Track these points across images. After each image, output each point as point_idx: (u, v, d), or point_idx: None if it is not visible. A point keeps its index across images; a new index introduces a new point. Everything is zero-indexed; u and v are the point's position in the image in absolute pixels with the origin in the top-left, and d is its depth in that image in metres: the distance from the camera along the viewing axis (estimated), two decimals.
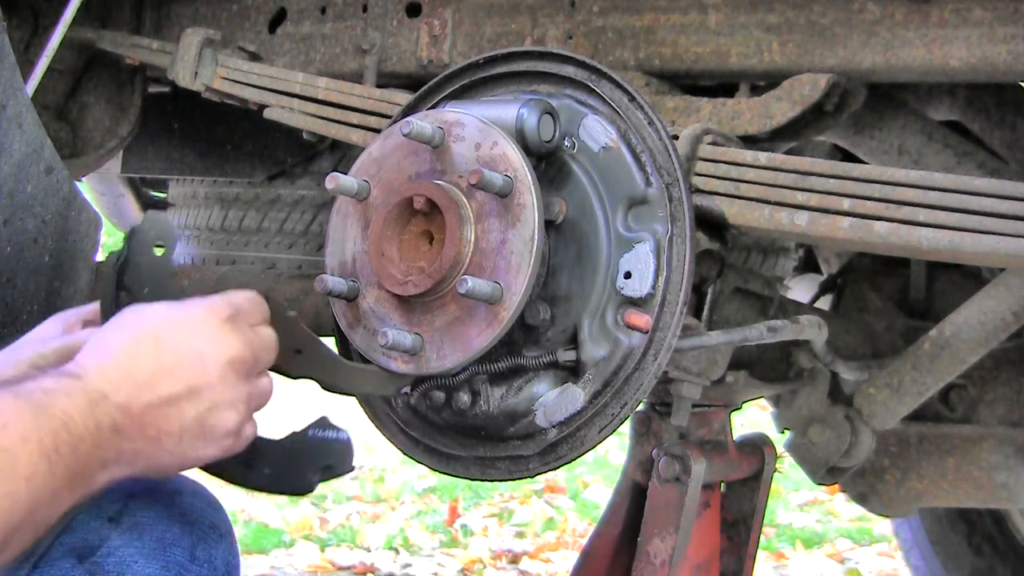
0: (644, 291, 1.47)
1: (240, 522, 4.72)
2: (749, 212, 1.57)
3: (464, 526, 4.82)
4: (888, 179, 1.50)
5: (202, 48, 2.02)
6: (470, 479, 1.63)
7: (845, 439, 1.97)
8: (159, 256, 1.37)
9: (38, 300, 1.66)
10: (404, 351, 1.47)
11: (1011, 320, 1.93)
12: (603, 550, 1.84)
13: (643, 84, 1.85)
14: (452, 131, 1.49)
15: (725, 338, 1.61)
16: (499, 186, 1.42)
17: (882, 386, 1.98)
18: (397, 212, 1.49)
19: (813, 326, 1.74)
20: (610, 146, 1.52)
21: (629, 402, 1.47)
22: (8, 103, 1.62)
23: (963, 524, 3.06)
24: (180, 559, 1.33)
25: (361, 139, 1.84)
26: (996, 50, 1.63)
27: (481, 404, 1.53)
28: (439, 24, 2.02)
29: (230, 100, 2.03)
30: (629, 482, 1.84)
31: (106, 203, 3.10)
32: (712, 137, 1.64)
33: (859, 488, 2.30)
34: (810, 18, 1.75)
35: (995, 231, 1.42)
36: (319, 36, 2.15)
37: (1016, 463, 2.22)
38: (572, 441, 1.51)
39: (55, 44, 1.98)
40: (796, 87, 1.72)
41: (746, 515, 1.93)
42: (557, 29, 1.93)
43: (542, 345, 1.52)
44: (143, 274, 1.35)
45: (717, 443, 1.85)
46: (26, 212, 1.63)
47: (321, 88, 1.91)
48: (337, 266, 1.56)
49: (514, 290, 1.42)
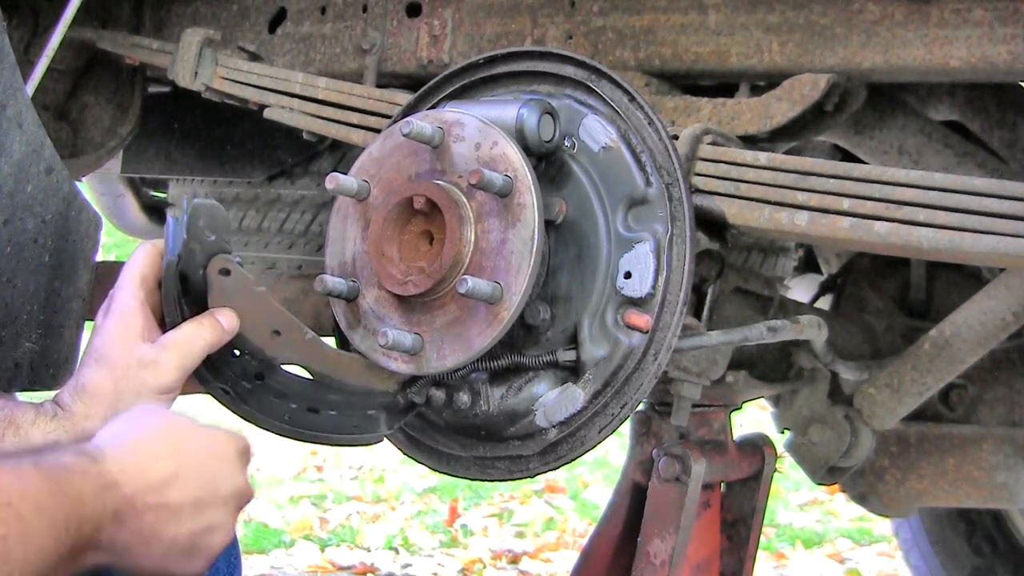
0: (644, 291, 1.47)
1: (240, 522, 4.71)
2: (749, 212, 1.57)
3: (464, 526, 4.81)
4: (888, 179, 1.50)
5: (202, 48, 2.02)
6: (470, 479, 1.63)
7: (845, 439, 1.97)
8: (214, 241, 1.41)
9: (38, 300, 1.66)
10: (404, 351, 1.47)
11: (1011, 320, 1.94)
12: (603, 550, 1.84)
13: (643, 84, 1.85)
14: (452, 131, 1.49)
15: (725, 338, 1.61)
16: (499, 186, 1.42)
17: (882, 386, 1.98)
18: (397, 212, 1.49)
19: (813, 326, 1.74)
20: (610, 146, 1.52)
21: (629, 402, 1.47)
22: (8, 103, 1.62)
23: (963, 524, 3.06)
24: None
25: (361, 139, 1.84)
26: (996, 50, 1.63)
27: (481, 404, 1.53)
28: (439, 24, 2.02)
29: (230, 100, 2.03)
30: (629, 482, 1.84)
31: (106, 203, 3.10)
32: (712, 137, 1.64)
33: (859, 488, 2.30)
34: (810, 18, 1.75)
35: (995, 231, 1.42)
36: (319, 36, 2.15)
37: (1016, 463, 2.22)
38: (572, 441, 1.51)
39: (55, 44, 1.98)
40: (796, 87, 1.72)
41: (746, 515, 1.93)
42: (557, 29, 1.93)
43: (542, 345, 1.52)
44: (197, 261, 1.40)
45: (717, 443, 1.85)
46: (26, 212, 1.63)
47: (321, 88, 1.91)
48: (337, 266, 1.56)
49: (514, 290, 1.42)
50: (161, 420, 1.28)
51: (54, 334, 1.70)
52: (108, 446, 1.20)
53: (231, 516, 1.28)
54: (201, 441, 1.27)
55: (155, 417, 1.28)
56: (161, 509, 1.20)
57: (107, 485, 1.15)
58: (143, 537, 1.18)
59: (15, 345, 1.64)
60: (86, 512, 1.12)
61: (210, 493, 1.24)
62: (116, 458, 1.18)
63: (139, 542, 1.18)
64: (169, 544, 1.20)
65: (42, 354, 1.68)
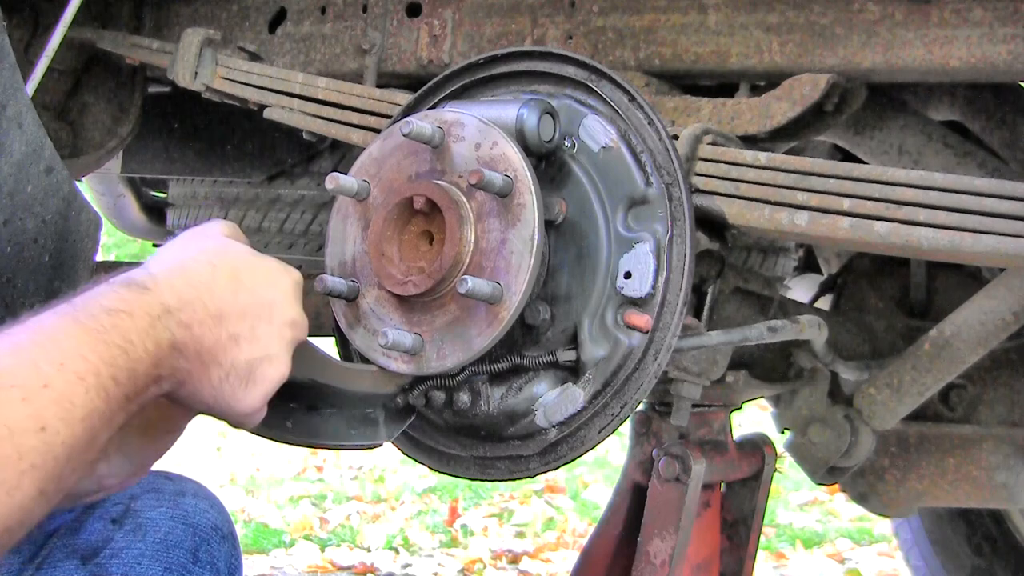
0: (644, 291, 1.47)
1: (240, 522, 4.72)
2: (749, 212, 1.57)
3: (464, 526, 4.82)
4: (888, 179, 1.50)
5: (202, 48, 2.02)
6: (470, 479, 1.63)
7: (845, 439, 1.97)
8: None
9: (38, 300, 1.66)
10: (404, 351, 1.47)
11: (1011, 320, 1.94)
12: (603, 550, 1.84)
13: (643, 84, 1.85)
14: (452, 131, 1.49)
15: (725, 338, 1.61)
16: (499, 186, 1.42)
17: (882, 386, 1.98)
18: (397, 212, 1.49)
19: (813, 326, 1.74)
20: (610, 146, 1.52)
21: (629, 402, 1.47)
22: (8, 103, 1.62)
23: (963, 524, 3.06)
24: (183, 560, 1.34)
25: (361, 139, 1.84)
26: (996, 50, 1.63)
27: (481, 404, 1.53)
28: (439, 24, 2.02)
29: (230, 100, 2.03)
30: (629, 482, 1.84)
31: (106, 203, 3.10)
32: (712, 137, 1.63)
33: (859, 488, 2.30)
34: (810, 18, 1.75)
35: (995, 231, 1.42)
36: (319, 36, 2.15)
37: (1016, 463, 2.22)
38: (572, 441, 1.51)
39: (55, 44, 1.98)
40: (796, 87, 1.72)
41: (746, 515, 1.93)
42: (557, 29, 1.93)
43: (542, 345, 1.52)
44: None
45: (717, 443, 1.85)
46: (26, 212, 1.63)
47: (321, 88, 1.91)
48: (337, 266, 1.56)
49: (514, 290, 1.42)
50: (216, 244, 1.25)
51: None
52: (160, 271, 1.17)
53: (287, 347, 1.25)
54: (256, 268, 1.24)
55: (210, 241, 1.25)
56: (219, 333, 1.17)
57: (157, 315, 1.13)
58: (203, 363, 1.17)
59: None
60: (137, 355, 1.10)
61: (266, 320, 1.22)
62: (168, 284, 1.16)
63: (199, 368, 1.17)
64: (228, 370, 1.19)
65: None
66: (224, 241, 1.26)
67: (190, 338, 1.16)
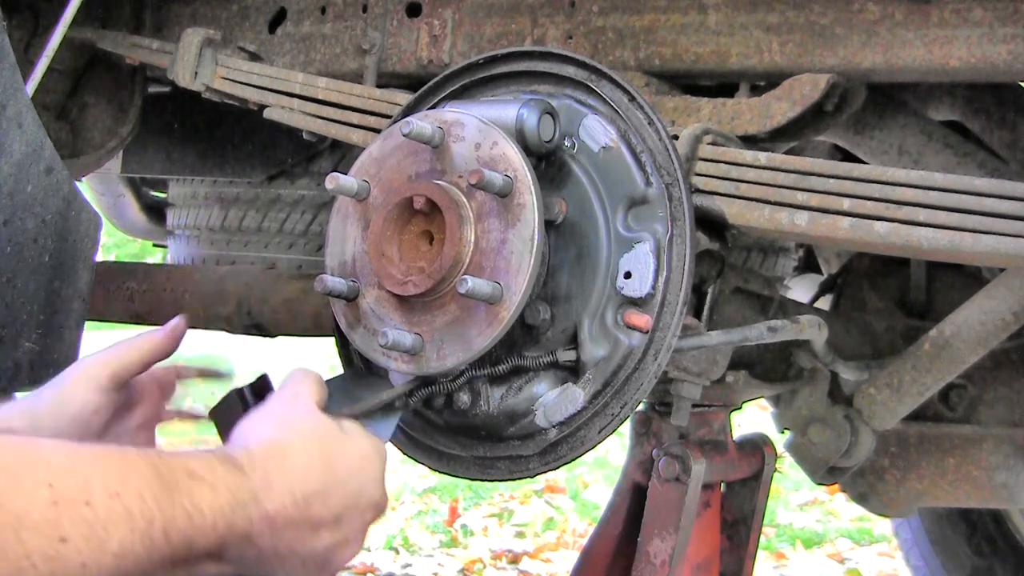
0: (644, 291, 1.47)
1: None
2: (749, 212, 1.57)
3: (464, 526, 4.82)
4: (888, 179, 1.50)
5: (202, 48, 2.02)
6: (470, 479, 1.63)
7: (845, 439, 1.97)
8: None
9: (38, 300, 1.66)
10: (404, 351, 1.47)
11: (1011, 320, 1.93)
12: (603, 550, 1.84)
13: (643, 84, 1.85)
14: (452, 131, 1.49)
15: (725, 338, 1.61)
16: (499, 186, 1.42)
17: (882, 386, 1.98)
18: (397, 212, 1.49)
19: (813, 326, 1.74)
20: (610, 146, 1.52)
21: (629, 402, 1.47)
22: (8, 103, 1.62)
23: (963, 524, 3.06)
24: None
25: (361, 139, 1.84)
26: (996, 50, 1.63)
27: (481, 404, 1.53)
28: (439, 24, 2.02)
29: (230, 100, 2.03)
30: (629, 482, 1.84)
31: (106, 203, 3.10)
32: (712, 137, 1.63)
33: (859, 488, 2.30)
34: (810, 18, 1.74)
35: (995, 231, 1.42)
36: (319, 36, 2.15)
37: (1016, 463, 2.22)
38: (572, 441, 1.50)
39: (55, 44, 1.98)
40: (796, 87, 1.72)
41: (746, 515, 1.93)
42: (557, 29, 1.93)
43: (542, 345, 1.52)
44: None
45: (717, 443, 1.85)
46: (26, 212, 1.63)
47: (321, 88, 1.91)
48: (337, 266, 1.56)
49: (514, 290, 1.42)
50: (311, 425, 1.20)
51: (54, 334, 1.70)
52: (258, 451, 1.13)
53: (366, 529, 1.21)
54: (352, 451, 1.20)
55: (307, 419, 1.21)
56: (303, 525, 1.13)
57: (242, 501, 1.08)
58: (278, 554, 1.12)
59: (15, 345, 1.64)
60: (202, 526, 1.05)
61: (352, 507, 1.18)
62: (264, 467, 1.11)
63: (272, 558, 1.12)
64: (304, 560, 1.15)
65: (42, 354, 1.68)
66: (317, 419, 1.22)
67: (270, 530, 1.11)
